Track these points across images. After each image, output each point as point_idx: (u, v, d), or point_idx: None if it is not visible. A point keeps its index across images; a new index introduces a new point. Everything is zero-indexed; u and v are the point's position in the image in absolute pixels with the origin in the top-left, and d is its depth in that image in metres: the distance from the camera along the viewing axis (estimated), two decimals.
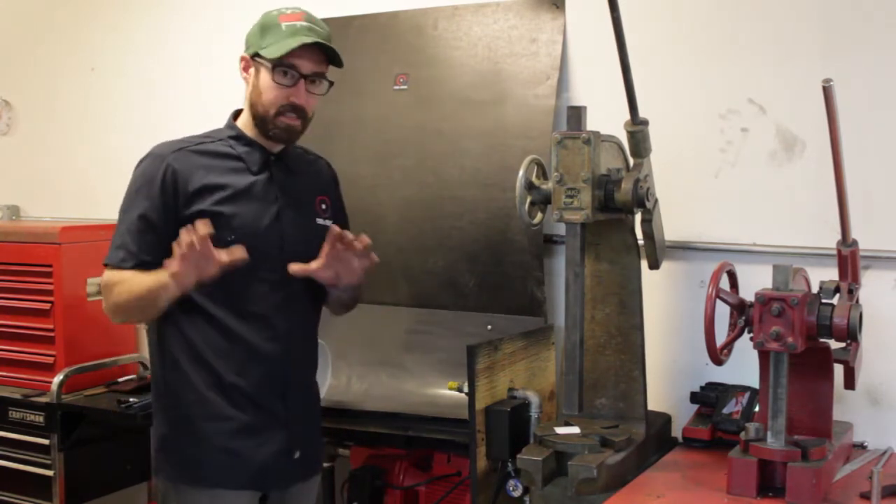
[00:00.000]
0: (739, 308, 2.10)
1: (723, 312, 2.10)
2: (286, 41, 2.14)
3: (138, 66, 3.73)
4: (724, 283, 2.17)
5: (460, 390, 2.47)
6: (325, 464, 2.75)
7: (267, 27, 2.19)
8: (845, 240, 2.20)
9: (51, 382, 3.26)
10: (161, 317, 2.25)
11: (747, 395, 2.41)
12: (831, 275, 2.22)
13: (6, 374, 3.44)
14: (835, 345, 2.10)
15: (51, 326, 3.35)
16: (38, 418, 3.25)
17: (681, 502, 2.02)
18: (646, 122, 2.27)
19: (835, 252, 2.21)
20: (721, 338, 2.11)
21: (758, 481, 1.98)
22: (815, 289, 2.13)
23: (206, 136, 2.29)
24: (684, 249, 2.65)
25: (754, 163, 2.57)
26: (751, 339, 2.04)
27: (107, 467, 3.41)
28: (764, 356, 2.07)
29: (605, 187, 2.14)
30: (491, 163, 2.81)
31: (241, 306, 2.19)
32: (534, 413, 2.34)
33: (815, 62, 2.45)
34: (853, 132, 2.18)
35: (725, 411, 2.41)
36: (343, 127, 3.03)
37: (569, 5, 2.77)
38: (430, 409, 2.68)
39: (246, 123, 2.27)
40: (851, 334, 2.01)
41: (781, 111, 2.53)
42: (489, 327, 2.76)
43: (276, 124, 2.20)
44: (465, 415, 2.29)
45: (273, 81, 2.17)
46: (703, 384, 2.53)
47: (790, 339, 1.96)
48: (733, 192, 2.60)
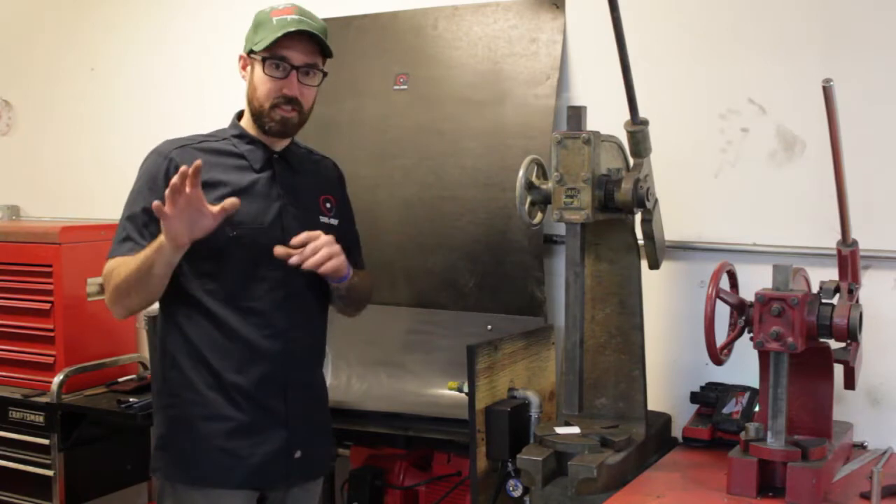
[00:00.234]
0: (739, 308, 2.10)
1: (723, 312, 2.10)
2: (275, 33, 2.15)
3: (138, 66, 3.73)
4: (724, 283, 2.17)
5: (460, 390, 2.47)
6: None
7: (259, 24, 2.21)
8: (845, 240, 2.20)
9: (51, 382, 3.26)
10: (161, 316, 2.25)
11: (747, 395, 2.41)
12: (831, 275, 2.22)
13: (6, 374, 3.45)
14: (835, 345, 2.10)
15: (51, 326, 3.35)
16: (38, 418, 3.25)
17: (681, 502, 2.02)
18: (646, 122, 2.27)
19: (835, 252, 2.21)
20: (721, 338, 2.11)
21: (758, 481, 1.98)
22: (815, 289, 2.13)
23: (210, 135, 2.30)
24: (684, 249, 2.65)
25: (754, 163, 2.57)
26: (751, 339, 2.04)
27: (107, 467, 3.41)
28: (764, 356, 2.07)
29: (605, 187, 2.14)
30: (491, 163, 2.81)
31: (242, 303, 2.19)
32: (534, 413, 2.34)
33: (815, 62, 2.45)
34: (853, 132, 2.17)
35: (725, 411, 2.41)
36: (343, 127, 3.03)
37: (569, 5, 2.77)
38: (430, 409, 2.67)
39: (248, 123, 2.28)
40: (851, 334, 2.02)
41: (781, 111, 2.53)
42: (489, 327, 2.76)
43: (272, 117, 2.20)
44: (465, 415, 2.29)
45: (265, 74, 2.18)
46: (703, 384, 2.53)
47: (790, 339, 1.96)
48: (733, 192, 2.60)
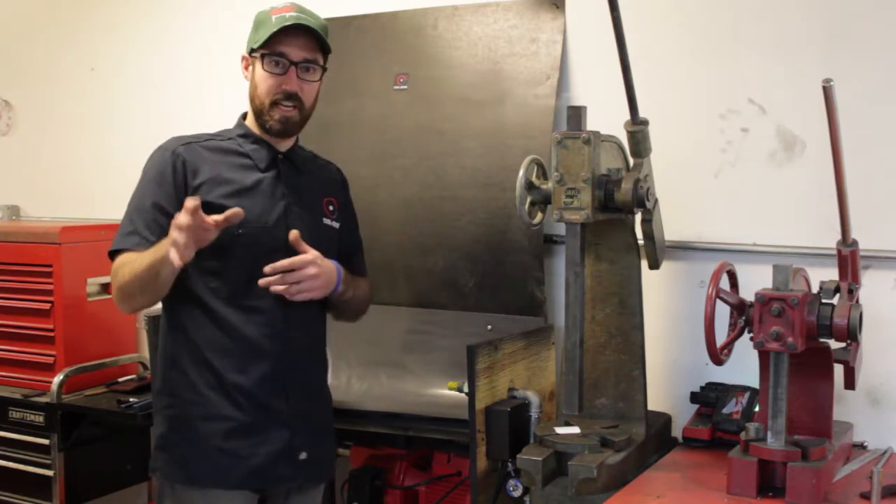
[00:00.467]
0: (739, 308, 2.10)
1: (723, 312, 2.10)
2: (273, 29, 2.16)
3: (138, 66, 3.72)
4: (724, 283, 2.17)
5: (460, 390, 2.47)
6: None
7: (260, 23, 2.22)
8: (845, 240, 2.19)
9: (51, 382, 3.26)
10: (163, 315, 2.26)
11: (747, 395, 2.40)
12: (831, 275, 2.21)
13: (6, 374, 3.45)
14: (835, 345, 2.10)
15: (51, 326, 3.35)
16: (39, 418, 3.25)
17: (681, 502, 2.02)
18: (646, 122, 2.27)
19: (835, 252, 2.21)
20: (721, 338, 2.11)
21: (758, 481, 1.98)
22: (815, 289, 2.13)
23: (216, 134, 2.31)
24: (684, 249, 2.65)
25: (754, 163, 2.57)
26: (751, 339, 2.03)
27: (107, 467, 3.41)
28: (764, 356, 2.07)
29: (605, 187, 2.14)
30: (491, 163, 2.80)
31: (244, 302, 2.19)
32: (534, 413, 2.34)
33: (815, 62, 2.45)
34: (853, 132, 2.17)
35: (725, 411, 2.41)
36: (343, 127, 3.03)
37: (569, 5, 2.77)
38: (430, 409, 2.67)
39: (253, 123, 2.29)
40: (851, 334, 2.01)
41: (781, 111, 2.53)
42: (489, 327, 2.76)
43: (272, 115, 2.21)
44: (465, 415, 2.29)
45: (264, 71, 2.19)
46: (703, 384, 2.53)
47: (790, 339, 1.96)
48: (733, 192, 2.60)
